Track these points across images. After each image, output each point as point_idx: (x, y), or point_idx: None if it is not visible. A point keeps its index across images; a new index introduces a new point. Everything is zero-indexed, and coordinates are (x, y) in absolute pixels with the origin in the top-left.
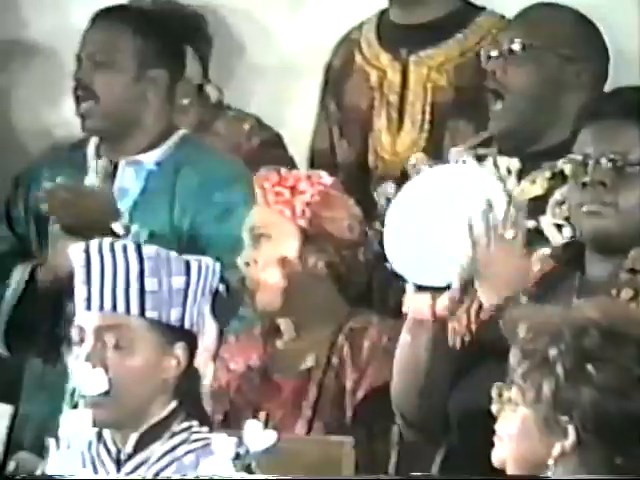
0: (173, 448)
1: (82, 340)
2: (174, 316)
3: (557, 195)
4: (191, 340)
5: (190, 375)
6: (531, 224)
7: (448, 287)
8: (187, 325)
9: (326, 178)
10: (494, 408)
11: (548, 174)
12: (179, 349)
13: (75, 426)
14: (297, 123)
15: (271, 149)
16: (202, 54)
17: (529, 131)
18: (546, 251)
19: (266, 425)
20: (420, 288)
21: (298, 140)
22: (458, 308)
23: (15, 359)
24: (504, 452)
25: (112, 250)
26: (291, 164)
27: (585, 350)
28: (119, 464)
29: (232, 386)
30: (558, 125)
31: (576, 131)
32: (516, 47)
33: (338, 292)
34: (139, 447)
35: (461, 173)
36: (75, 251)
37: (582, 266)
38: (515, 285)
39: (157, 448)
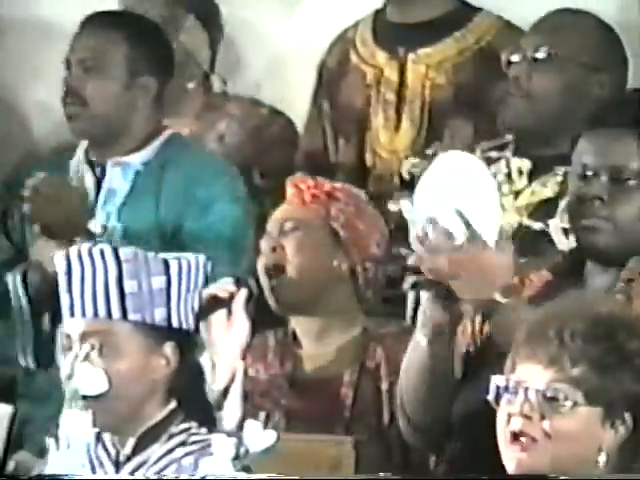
0: (171, 450)
1: (70, 347)
2: (159, 316)
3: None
4: (182, 339)
5: (186, 374)
6: (538, 226)
7: None
8: (175, 324)
9: (361, 193)
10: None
11: (560, 178)
12: (168, 348)
13: (75, 427)
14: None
15: (291, 138)
16: (213, 42)
17: (546, 135)
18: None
19: (266, 425)
20: None
21: None
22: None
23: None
24: (547, 454)
25: (90, 255)
26: None
27: None
28: (118, 466)
29: (256, 392)
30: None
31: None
32: (541, 55)
33: (356, 301)
34: (138, 449)
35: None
36: (58, 259)
37: (583, 277)
38: (489, 286)
39: (155, 450)
